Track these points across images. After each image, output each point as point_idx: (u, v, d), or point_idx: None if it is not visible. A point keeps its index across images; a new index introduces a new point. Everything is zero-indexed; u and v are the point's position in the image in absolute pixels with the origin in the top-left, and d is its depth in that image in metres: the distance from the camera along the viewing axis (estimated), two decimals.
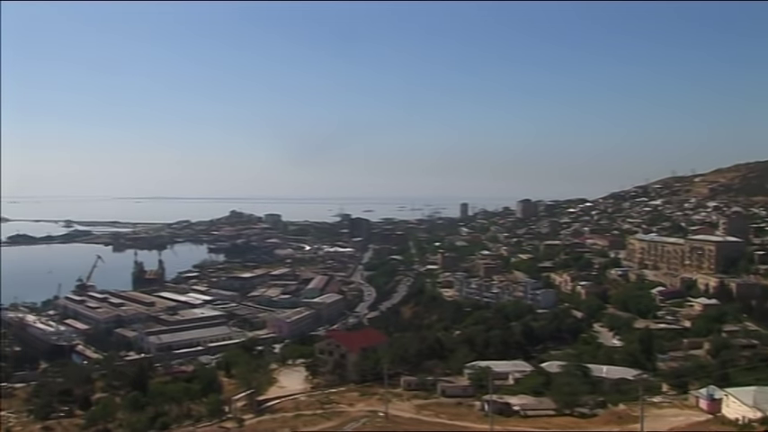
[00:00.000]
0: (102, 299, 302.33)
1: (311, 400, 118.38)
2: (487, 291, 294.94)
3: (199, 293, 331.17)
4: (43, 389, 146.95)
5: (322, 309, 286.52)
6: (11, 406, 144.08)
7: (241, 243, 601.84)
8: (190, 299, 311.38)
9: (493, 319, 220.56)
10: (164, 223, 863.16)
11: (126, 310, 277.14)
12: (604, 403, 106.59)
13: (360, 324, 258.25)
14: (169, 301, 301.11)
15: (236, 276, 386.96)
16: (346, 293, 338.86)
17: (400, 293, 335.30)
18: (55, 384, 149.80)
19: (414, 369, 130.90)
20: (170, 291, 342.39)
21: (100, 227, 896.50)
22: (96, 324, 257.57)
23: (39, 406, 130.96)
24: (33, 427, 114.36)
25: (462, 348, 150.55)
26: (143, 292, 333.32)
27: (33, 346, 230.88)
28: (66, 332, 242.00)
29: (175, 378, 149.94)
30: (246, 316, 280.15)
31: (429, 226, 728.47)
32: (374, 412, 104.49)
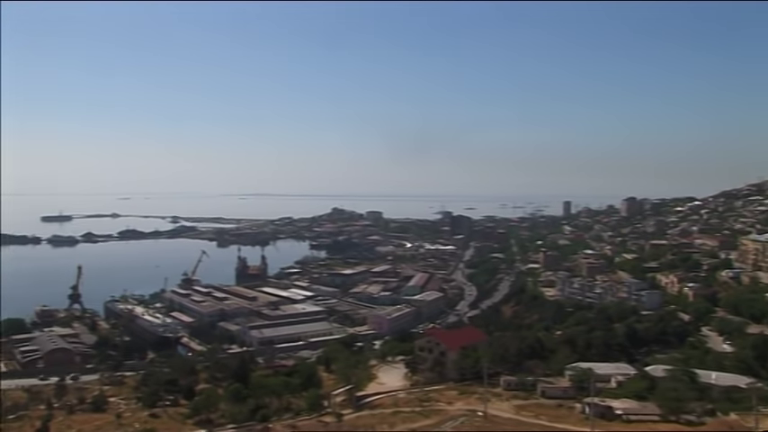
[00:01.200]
0: (206, 293, 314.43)
1: (410, 397, 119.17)
2: (590, 291, 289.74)
3: (300, 289, 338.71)
4: (150, 378, 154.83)
5: (422, 306, 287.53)
6: (120, 393, 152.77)
7: (342, 240, 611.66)
8: (291, 294, 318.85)
9: (595, 319, 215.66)
10: (267, 220, 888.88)
11: (229, 304, 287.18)
12: (713, 411, 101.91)
13: (460, 322, 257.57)
14: (271, 297, 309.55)
15: (337, 273, 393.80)
16: (447, 291, 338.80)
17: (501, 292, 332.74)
18: (161, 374, 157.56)
19: (514, 369, 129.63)
20: (272, 286, 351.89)
21: (205, 223, 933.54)
22: (201, 317, 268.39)
23: (146, 394, 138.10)
24: (141, 414, 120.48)
25: (563, 349, 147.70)
26: (246, 286, 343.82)
27: (141, 337, 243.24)
28: (173, 324, 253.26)
29: (276, 372, 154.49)
30: (347, 312, 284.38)
31: (531, 224, 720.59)
32: (473, 411, 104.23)
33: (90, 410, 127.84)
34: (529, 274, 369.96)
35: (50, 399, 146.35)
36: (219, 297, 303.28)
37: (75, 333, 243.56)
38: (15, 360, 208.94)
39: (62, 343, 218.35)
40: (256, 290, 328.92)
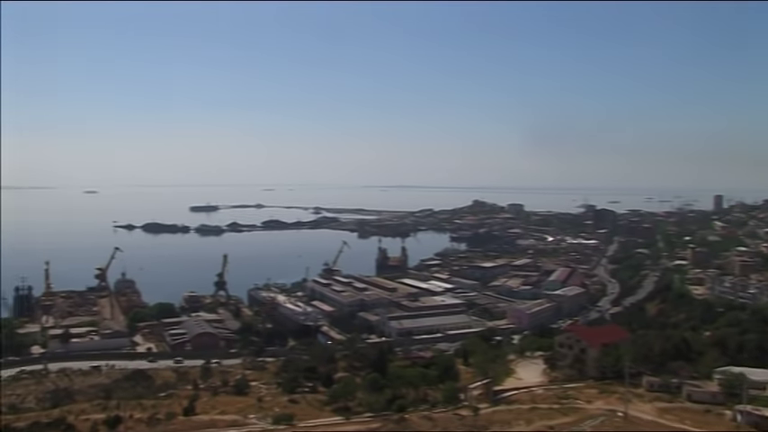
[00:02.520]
0: (346, 283, 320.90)
1: (548, 393, 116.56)
2: (743, 290, 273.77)
3: (440, 281, 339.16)
4: (291, 365, 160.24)
5: (563, 301, 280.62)
6: (262, 378, 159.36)
7: (483, 232, 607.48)
8: (431, 286, 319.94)
9: (749, 321, 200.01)
10: (407, 211, 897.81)
11: (369, 294, 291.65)
12: None
13: (601, 319, 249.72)
14: (411, 288, 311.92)
15: (477, 265, 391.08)
16: (588, 287, 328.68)
17: (646, 289, 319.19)
18: (301, 361, 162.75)
19: (657, 369, 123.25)
20: (412, 277, 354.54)
21: (346, 214, 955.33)
22: (341, 307, 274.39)
23: (286, 380, 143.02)
24: (281, 399, 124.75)
25: (712, 351, 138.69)
26: (386, 277, 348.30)
27: (283, 325, 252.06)
28: (313, 313, 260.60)
29: (414, 363, 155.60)
30: (486, 305, 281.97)
31: (679, 219, 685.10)
32: (613, 411, 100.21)
33: (232, 393, 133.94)
34: (676, 272, 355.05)
35: (196, 380, 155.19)
36: (360, 287, 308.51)
37: (221, 318, 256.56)
38: (165, 342, 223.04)
39: (208, 327, 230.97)
40: (396, 281, 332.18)
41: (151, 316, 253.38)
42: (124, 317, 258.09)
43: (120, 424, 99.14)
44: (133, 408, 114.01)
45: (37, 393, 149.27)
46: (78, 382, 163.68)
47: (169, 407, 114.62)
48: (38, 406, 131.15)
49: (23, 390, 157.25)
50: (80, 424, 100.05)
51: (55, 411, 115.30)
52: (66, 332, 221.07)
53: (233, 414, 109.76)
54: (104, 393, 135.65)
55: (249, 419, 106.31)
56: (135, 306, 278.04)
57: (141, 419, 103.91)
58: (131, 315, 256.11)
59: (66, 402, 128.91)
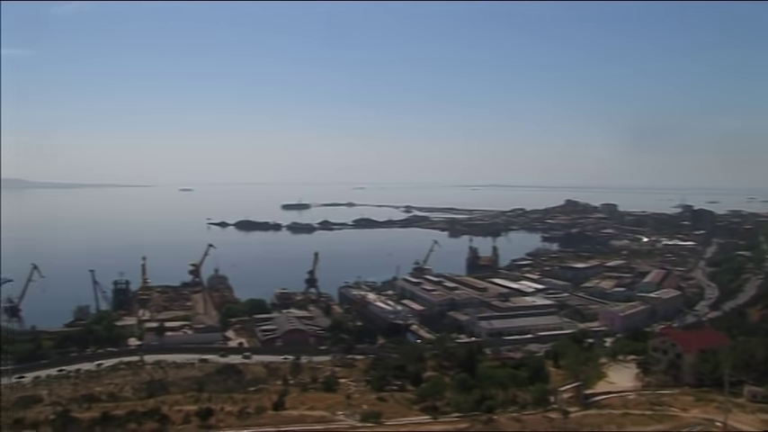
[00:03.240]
0: (437, 282, 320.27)
1: (641, 399, 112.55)
2: None
3: (531, 281, 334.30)
4: (380, 362, 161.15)
5: (658, 304, 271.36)
6: (351, 375, 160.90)
7: (575, 232, 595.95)
8: (522, 286, 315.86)
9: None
10: (499, 211, 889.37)
11: (459, 294, 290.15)
12: None
13: (699, 323, 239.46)
14: (501, 288, 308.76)
15: (569, 266, 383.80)
16: (685, 290, 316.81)
17: (747, 293, 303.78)
18: (390, 359, 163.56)
19: (760, 378, 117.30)
20: (502, 277, 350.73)
21: (437, 213, 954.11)
22: (431, 306, 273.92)
23: (375, 378, 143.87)
24: (369, 397, 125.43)
25: None
26: (476, 277, 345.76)
27: (373, 323, 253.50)
28: (403, 312, 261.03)
29: (503, 363, 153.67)
30: (578, 307, 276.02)
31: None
32: (710, 421, 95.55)
33: (322, 389, 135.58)
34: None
35: (286, 375, 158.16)
36: (450, 286, 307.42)
37: (311, 315, 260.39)
38: (256, 337, 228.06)
39: (298, 324, 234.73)
40: (487, 281, 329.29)
41: (243, 312, 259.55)
42: (217, 312, 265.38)
43: (211, 416, 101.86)
44: (224, 401, 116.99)
45: (133, 384, 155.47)
46: (172, 374, 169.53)
47: (259, 401, 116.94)
48: (134, 396, 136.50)
49: (121, 380, 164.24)
50: (173, 414, 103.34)
51: (150, 401, 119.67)
52: (162, 326, 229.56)
53: (321, 410, 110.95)
54: (197, 386, 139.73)
55: (337, 416, 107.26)
56: (227, 302, 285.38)
57: (232, 412, 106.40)
58: (224, 310, 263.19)
59: (160, 393, 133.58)
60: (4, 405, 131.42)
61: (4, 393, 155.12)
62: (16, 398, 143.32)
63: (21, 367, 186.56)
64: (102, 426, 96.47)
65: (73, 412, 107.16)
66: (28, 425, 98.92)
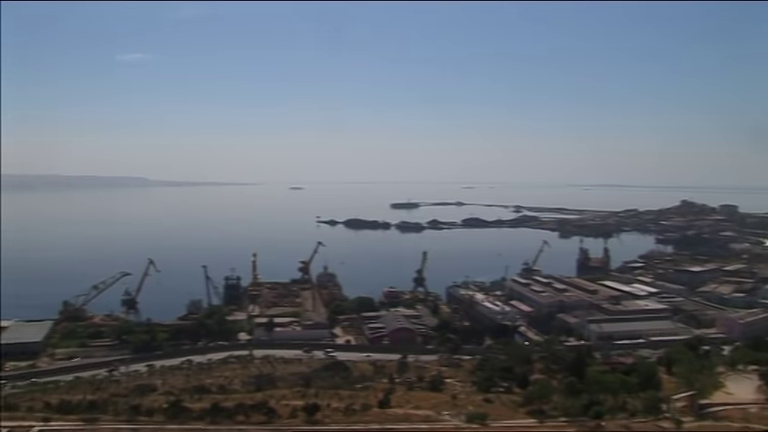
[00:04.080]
0: (546, 283, 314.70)
1: (764, 413, 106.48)
2: None
3: (643, 285, 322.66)
4: (487, 363, 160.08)
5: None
6: (457, 375, 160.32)
7: (692, 235, 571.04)
8: (634, 289, 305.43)
9: None
10: (610, 211, 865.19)
11: (569, 295, 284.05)
12: None
13: None
14: (612, 291, 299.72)
15: (684, 269, 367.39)
16: None
17: None
18: (497, 361, 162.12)
19: None
20: (614, 280, 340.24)
21: (547, 213, 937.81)
22: (539, 307, 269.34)
23: (481, 379, 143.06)
24: (475, 398, 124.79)
25: None
26: (587, 279, 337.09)
27: (480, 323, 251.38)
28: (511, 312, 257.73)
29: (613, 369, 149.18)
30: (693, 312, 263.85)
31: None
32: None
33: (427, 389, 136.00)
34: None
35: (393, 374, 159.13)
36: (559, 288, 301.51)
37: (418, 314, 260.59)
38: (364, 335, 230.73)
39: (406, 323, 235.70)
40: (597, 283, 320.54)
41: (351, 309, 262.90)
42: (325, 309, 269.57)
43: (317, 412, 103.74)
44: (330, 397, 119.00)
45: (242, 377, 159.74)
46: (280, 368, 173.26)
47: (365, 398, 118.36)
48: (243, 389, 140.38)
49: (231, 373, 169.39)
50: (281, 408, 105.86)
51: (258, 395, 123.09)
52: (271, 321, 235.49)
53: (427, 409, 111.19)
54: (304, 381, 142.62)
55: (443, 416, 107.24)
56: (336, 299, 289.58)
57: (338, 409, 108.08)
58: (332, 307, 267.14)
59: (268, 387, 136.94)
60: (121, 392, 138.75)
61: (122, 381, 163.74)
62: (133, 386, 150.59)
63: (137, 357, 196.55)
64: (212, 416, 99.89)
65: (184, 402, 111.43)
66: (143, 412, 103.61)
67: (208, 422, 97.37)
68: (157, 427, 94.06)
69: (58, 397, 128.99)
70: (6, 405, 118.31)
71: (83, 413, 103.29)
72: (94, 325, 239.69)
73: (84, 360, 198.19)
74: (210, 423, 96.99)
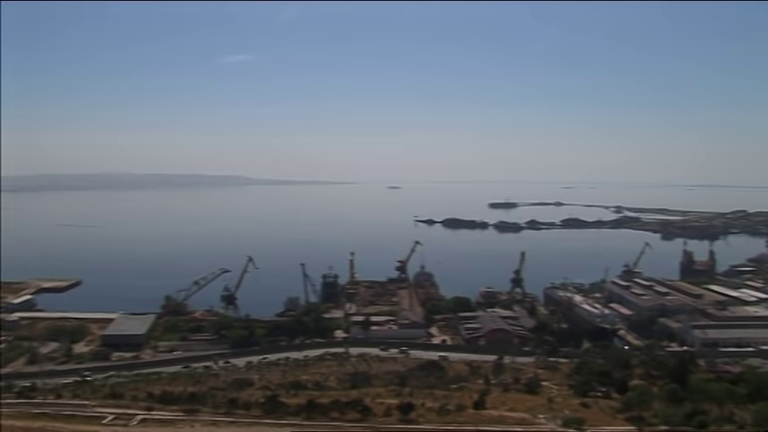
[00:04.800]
0: (647, 286, 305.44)
1: None
2: None
3: (753, 290, 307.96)
4: (584, 367, 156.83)
5: None
6: (553, 378, 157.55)
7: None
8: (742, 294, 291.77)
9: None
10: (717, 212, 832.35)
11: (671, 299, 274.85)
12: None
13: None
14: (718, 295, 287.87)
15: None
16: None
17: None
18: (595, 365, 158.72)
19: None
20: (720, 284, 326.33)
21: (649, 214, 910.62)
22: (640, 311, 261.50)
23: (579, 383, 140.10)
24: (572, 402, 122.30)
25: None
26: (690, 282, 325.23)
27: (578, 326, 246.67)
28: (610, 316, 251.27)
29: (719, 377, 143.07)
30: None
31: None
32: None
33: (523, 391, 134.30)
34: None
35: (488, 375, 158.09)
36: (661, 291, 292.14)
37: (515, 315, 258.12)
38: (460, 335, 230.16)
39: (502, 324, 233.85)
40: (702, 287, 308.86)
41: (447, 309, 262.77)
42: (421, 308, 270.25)
43: (412, 411, 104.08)
44: (425, 396, 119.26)
45: (338, 374, 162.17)
46: (375, 367, 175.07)
47: (460, 399, 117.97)
48: (338, 386, 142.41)
49: (327, 370, 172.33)
50: (375, 406, 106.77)
51: (353, 392, 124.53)
52: (367, 319, 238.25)
53: (522, 412, 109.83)
54: (399, 380, 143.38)
55: (538, 419, 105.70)
56: (432, 298, 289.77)
57: (432, 408, 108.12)
58: (428, 307, 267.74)
59: (363, 385, 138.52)
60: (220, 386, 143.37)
61: (220, 375, 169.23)
62: (231, 380, 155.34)
63: (235, 352, 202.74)
64: (308, 412, 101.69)
65: (281, 397, 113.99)
66: (240, 405, 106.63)
67: (303, 418, 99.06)
68: (254, 420, 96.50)
69: (160, 388, 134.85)
70: (112, 393, 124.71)
71: (183, 404, 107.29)
72: (195, 319, 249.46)
73: (184, 353, 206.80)
74: (306, 419, 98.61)
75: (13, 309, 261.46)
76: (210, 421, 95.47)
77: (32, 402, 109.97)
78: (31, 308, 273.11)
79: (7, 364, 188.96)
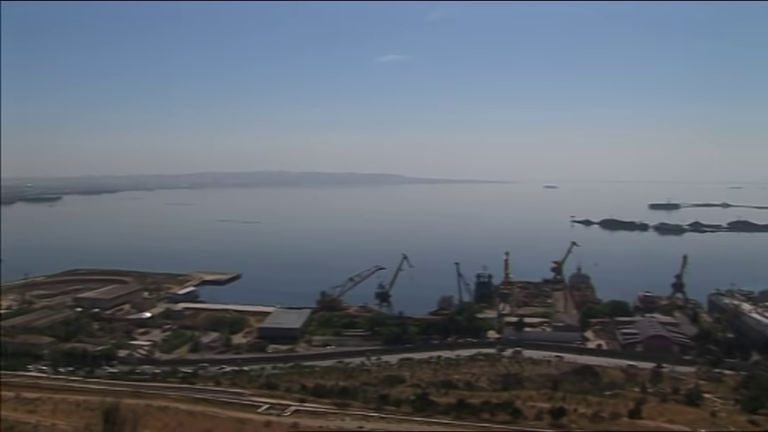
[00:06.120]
0: None
1: None
2: None
3: None
4: (753, 381, 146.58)
5: None
6: (717, 391, 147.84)
7: None
8: None
9: None
10: None
11: None
12: None
13: None
14: None
15: None
16: None
17: None
18: (765, 379, 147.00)
19: None
20: None
21: None
22: None
23: (747, 398, 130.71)
24: (738, 418, 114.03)
25: None
26: None
27: (747, 336, 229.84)
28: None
29: None
30: None
31: None
32: None
33: (683, 402, 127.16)
34: None
35: (645, 383, 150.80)
36: None
37: (676, 322, 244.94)
38: (616, 340, 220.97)
39: (662, 330, 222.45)
40: None
41: (603, 313, 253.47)
42: (577, 311, 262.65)
43: (563, 416, 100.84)
44: (578, 402, 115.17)
45: (489, 375, 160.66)
46: (528, 369, 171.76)
47: (614, 407, 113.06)
48: (489, 387, 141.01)
49: (478, 370, 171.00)
50: (526, 409, 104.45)
51: (504, 394, 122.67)
52: (521, 321, 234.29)
53: (682, 425, 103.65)
54: (551, 384, 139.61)
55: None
56: (588, 301, 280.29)
57: (585, 415, 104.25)
58: (584, 310, 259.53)
59: (514, 387, 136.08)
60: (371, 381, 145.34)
61: (372, 371, 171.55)
62: (383, 376, 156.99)
63: (387, 348, 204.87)
64: (457, 412, 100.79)
65: (431, 395, 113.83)
66: (391, 402, 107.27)
67: (453, 417, 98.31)
68: (403, 417, 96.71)
69: (314, 381, 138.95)
70: (267, 384, 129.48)
71: (335, 398, 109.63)
72: (349, 315, 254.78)
73: (337, 348, 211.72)
74: (455, 418, 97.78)
75: (178, 300, 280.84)
76: (360, 416, 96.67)
77: (194, 388, 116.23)
78: (194, 299, 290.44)
79: (172, 351, 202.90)
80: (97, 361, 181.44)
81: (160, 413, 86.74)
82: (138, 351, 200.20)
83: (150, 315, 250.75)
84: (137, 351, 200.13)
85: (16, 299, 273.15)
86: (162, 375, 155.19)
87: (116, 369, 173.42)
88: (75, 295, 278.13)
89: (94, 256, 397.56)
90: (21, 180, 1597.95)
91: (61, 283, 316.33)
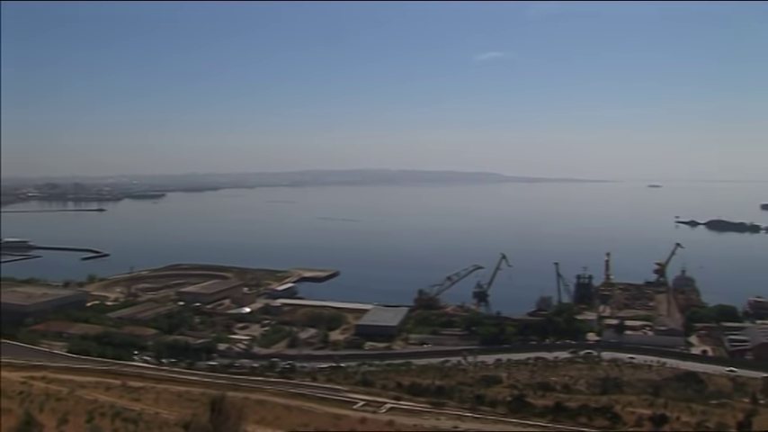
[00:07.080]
0: None
1: None
2: None
3: None
4: None
5: None
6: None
7: None
8: None
9: None
10: None
11: None
12: None
13: None
14: None
15: None
16: None
17: None
18: None
19: None
20: None
21: None
22: None
23: None
24: None
25: None
26: None
27: None
28: None
29: None
30: None
31: None
32: None
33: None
34: None
35: (756, 393, 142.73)
36: None
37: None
38: (723, 347, 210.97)
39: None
40: None
41: (709, 317, 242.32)
42: (680, 315, 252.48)
43: (665, 423, 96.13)
44: (681, 410, 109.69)
45: (588, 378, 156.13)
46: (628, 373, 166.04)
47: (721, 417, 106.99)
48: (587, 390, 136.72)
49: (576, 373, 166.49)
50: (626, 415, 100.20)
51: (603, 398, 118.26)
52: (622, 323, 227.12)
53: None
54: (653, 390, 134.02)
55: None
56: (693, 305, 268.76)
57: (688, 423, 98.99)
58: (688, 314, 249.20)
59: (614, 392, 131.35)
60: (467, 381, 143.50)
61: (468, 371, 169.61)
62: (479, 376, 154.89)
63: (484, 348, 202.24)
64: (554, 415, 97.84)
65: (527, 397, 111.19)
66: (487, 402, 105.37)
67: (549, 420, 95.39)
68: (499, 419, 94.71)
69: (410, 379, 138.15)
70: (363, 381, 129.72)
71: (430, 397, 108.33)
72: (446, 314, 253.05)
73: (434, 347, 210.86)
74: (552, 421, 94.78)
75: (277, 295, 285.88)
76: (455, 415, 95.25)
77: (291, 383, 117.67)
78: (293, 295, 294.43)
79: (270, 346, 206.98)
80: (198, 353, 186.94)
81: (258, 406, 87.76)
82: (237, 345, 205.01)
83: (249, 310, 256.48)
84: (236, 345, 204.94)
85: (123, 291, 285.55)
86: (260, 369, 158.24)
87: (216, 362, 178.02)
88: (178, 289, 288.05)
89: (196, 252, 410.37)
90: (127, 177, 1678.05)
91: (164, 277, 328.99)
